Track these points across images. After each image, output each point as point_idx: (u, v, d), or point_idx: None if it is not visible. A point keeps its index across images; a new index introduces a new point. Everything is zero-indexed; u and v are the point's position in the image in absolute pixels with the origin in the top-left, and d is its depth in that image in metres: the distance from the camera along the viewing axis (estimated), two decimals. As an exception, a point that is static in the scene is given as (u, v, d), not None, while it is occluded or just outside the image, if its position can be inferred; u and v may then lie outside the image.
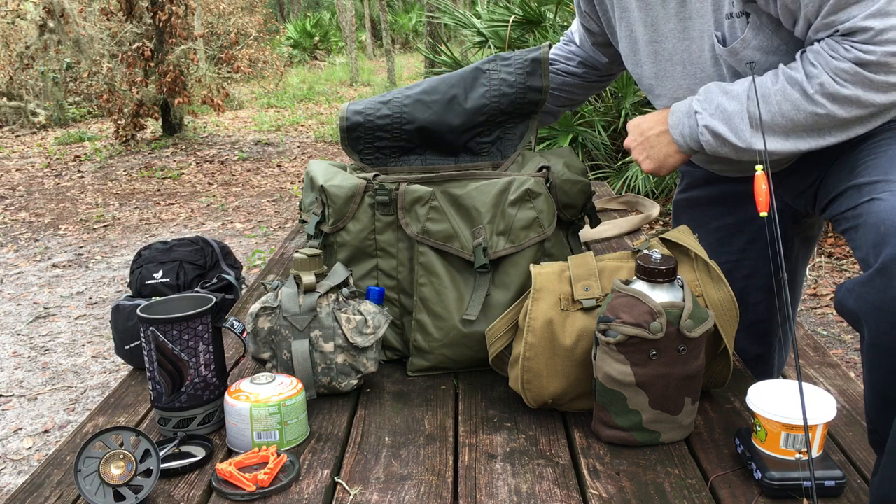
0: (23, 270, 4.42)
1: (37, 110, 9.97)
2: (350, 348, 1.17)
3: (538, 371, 1.08)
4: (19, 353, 3.26)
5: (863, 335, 0.89)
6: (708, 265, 1.12)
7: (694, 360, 1.01)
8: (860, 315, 0.88)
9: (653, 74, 1.24)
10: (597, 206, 2.35)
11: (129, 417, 1.19)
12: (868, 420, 0.93)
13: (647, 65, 1.24)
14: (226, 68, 11.16)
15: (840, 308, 0.91)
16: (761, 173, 0.97)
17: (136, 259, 1.51)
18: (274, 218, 5.37)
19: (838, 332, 3.01)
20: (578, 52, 1.50)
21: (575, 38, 1.50)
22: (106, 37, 8.56)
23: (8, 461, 2.42)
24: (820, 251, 3.86)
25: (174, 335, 1.07)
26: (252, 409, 1.03)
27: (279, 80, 13.54)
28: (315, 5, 24.34)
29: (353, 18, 15.46)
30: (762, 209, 0.95)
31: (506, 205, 1.24)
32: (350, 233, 1.28)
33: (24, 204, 6.06)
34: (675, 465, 1.00)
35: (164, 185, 6.56)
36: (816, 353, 1.51)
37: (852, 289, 0.89)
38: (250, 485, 0.95)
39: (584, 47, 1.48)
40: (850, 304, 0.89)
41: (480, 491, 0.95)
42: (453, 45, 9.44)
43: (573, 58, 1.50)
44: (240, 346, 1.42)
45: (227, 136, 9.02)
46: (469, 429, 1.11)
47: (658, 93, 1.25)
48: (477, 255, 1.23)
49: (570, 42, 1.52)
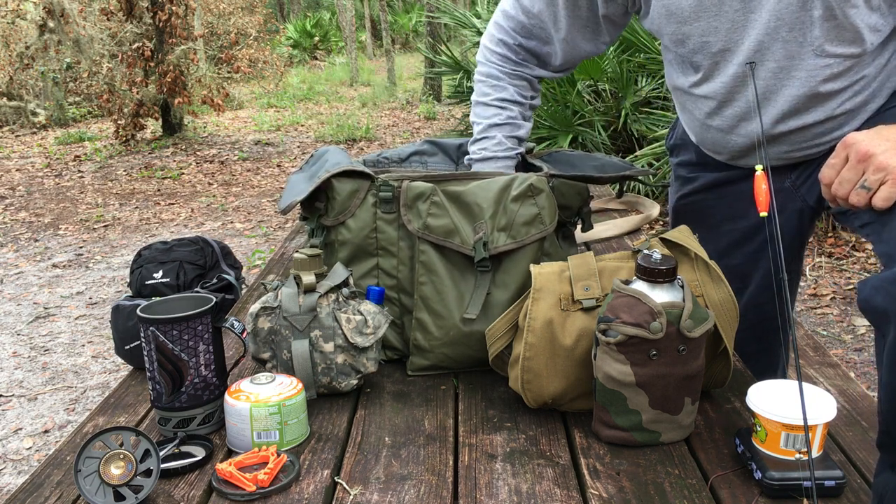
0: (23, 270, 4.42)
1: (37, 110, 9.97)
2: (350, 348, 1.17)
3: (538, 371, 1.08)
4: (19, 353, 3.26)
5: (886, 334, 0.85)
6: (708, 265, 1.12)
7: (694, 360, 1.01)
8: (890, 313, 0.83)
9: (718, 26, 1.13)
10: (597, 206, 2.35)
11: (129, 417, 1.19)
12: (882, 421, 0.88)
13: (712, 15, 1.13)
14: (226, 68, 11.16)
15: (865, 305, 0.86)
16: (761, 173, 0.97)
17: (136, 259, 1.51)
18: (274, 218, 5.37)
19: (838, 332, 3.01)
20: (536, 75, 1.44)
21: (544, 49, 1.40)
22: (106, 37, 8.56)
23: (8, 461, 2.42)
24: (820, 251, 3.86)
25: (174, 335, 1.07)
26: (252, 409, 1.03)
27: (279, 80, 13.53)
28: (315, 5, 24.33)
29: (353, 18, 15.45)
30: (762, 209, 0.95)
31: (508, 200, 1.24)
32: (351, 230, 1.28)
33: (24, 204, 6.06)
34: (675, 465, 1.00)
35: (164, 185, 6.56)
36: (816, 353, 1.51)
37: (880, 286, 0.84)
38: (250, 485, 0.95)
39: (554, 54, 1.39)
40: (878, 301, 0.84)
41: (480, 491, 0.95)
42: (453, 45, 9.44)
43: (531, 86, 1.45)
44: (240, 346, 1.42)
45: (227, 136, 9.02)
46: (469, 429, 1.11)
47: (717, 48, 1.15)
48: (477, 250, 1.22)
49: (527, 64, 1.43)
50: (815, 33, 1.08)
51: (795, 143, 1.21)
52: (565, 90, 4.60)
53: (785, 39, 1.10)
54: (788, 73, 1.13)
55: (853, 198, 0.94)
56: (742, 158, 1.29)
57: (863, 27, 1.07)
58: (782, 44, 1.11)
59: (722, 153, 1.31)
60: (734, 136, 1.25)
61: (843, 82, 1.13)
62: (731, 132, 1.25)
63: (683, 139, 1.43)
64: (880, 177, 0.92)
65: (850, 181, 0.94)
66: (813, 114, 1.16)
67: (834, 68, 1.11)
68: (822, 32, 1.08)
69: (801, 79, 1.13)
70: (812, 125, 1.17)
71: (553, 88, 4.61)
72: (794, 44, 1.10)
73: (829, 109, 1.15)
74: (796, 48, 1.11)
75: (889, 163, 0.91)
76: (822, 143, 1.20)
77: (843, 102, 1.15)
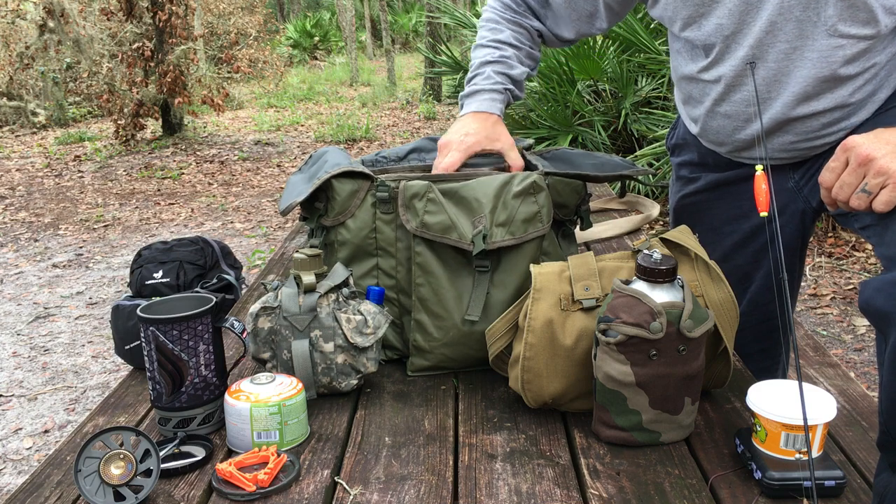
0: (23, 270, 4.42)
1: (37, 110, 9.97)
2: (350, 348, 1.17)
3: (538, 371, 1.08)
4: (19, 353, 3.26)
5: (887, 336, 0.85)
6: (708, 265, 1.12)
7: (694, 360, 1.01)
8: (891, 315, 0.83)
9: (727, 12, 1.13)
10: (597, 206, 2.35)
11: (129, 417, 1.19)
12: (882, 422, 0.89)
13: None
14: (226, 68, 11.16)
15: (866, 307, 0.87)
16: (761, 173, 0.97)
17: (136, 259, 1.51)
18: (274, 218, 5.37)
19: (838, 332, 3.01)
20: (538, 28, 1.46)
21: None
22: (106, 37, 8.56)
23: (8, 461, 2.42)
24: (820, 251, 3.86)
25: (174, 335, 1.07)
26: (252, 409, 1.03)
27: (279, 80, 13.54)
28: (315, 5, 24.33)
29: (353, 18, 15.45)
30: (762, 209, 0.95)
31: (509, 196, 1.24)
32: (351, 230, 1.28)
33: (24, 204, 6.06)
34: (675, 465, 1.00)
35: (164, 185, 6.56)
36: (816, 353, 1.51)
37: (881, 288, 0.85)
38: (250, 485, 0.95)
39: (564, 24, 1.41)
40: (880, 303, 0.85)
41: (480, 491, 0.95)
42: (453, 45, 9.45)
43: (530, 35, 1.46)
44: (240, 346, 1.42)
45: (227, 136, 9.02)
46: (469, 429, 1.11)
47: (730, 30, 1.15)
48: (476, 243, 1.22)
49: None
50: (829, 12, 1.08)
51: (803, 133, 1.20)
52: (565, 90, 4.60)
53: (798, 18, 1.10)
54: (801, 55, 1.12)
55: (854, 201, 0.94)
56: (745, 150, 1.28)
57: (877, 7, 1.06)
58: (795, 23, 1.10)
59: (725, 144, 1.30)
60: (740, 123, 1.24)
61: (856, 68, 1.12)
62: (737, 119, 1.24)
63: (685, 139, 1.43)
64: (881, 181, 0.92)
65: (851, 185, 0.94)
66: (824, 100, 1.15)
67: (847, 50, 1.10)
68: (835, 11, 1.08)
69: (813, 59, 1.12)
70: (823, 112, 1.17)
71: (553, 88, 4.61)
72: (807, 23, 1.10)
73: (840, 97, 1.15)
74: (810, 28, 1.10)
75: (890, 167, 0.91)
76: (829, 133, 1.19)
77: (855, 91, 1.15)
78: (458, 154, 1.33)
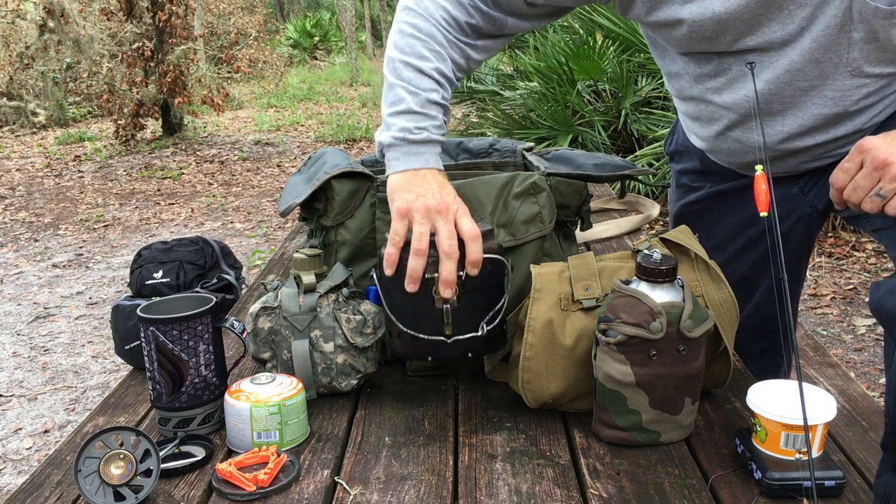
0: (23, 270, 4.42)
1: (37, 110, 9.97)
2: (350, 348, 1.17)
3: (538, 371, 1.08)
4: (19, 353, 3.26)
5: None
6: (708, 265, 1.12)
7: (694, 360, 1.01)
8: None
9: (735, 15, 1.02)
10: (597, 206, 2.35)
11: (129, 417, 1.19)
12: (888, 423, 0.89)
13: None
14: (226, 68, 11.17)
15: (878, 308, 0.86)
16: (761, 173, 0.97)
17: (136, 259, 1.51)
18: (274, 218, 5.37)
19: (838, 332, 3.01)
20: None
21: None
22: (106, 37, 8.56)
23: (8, 461, 2.42)
24: (820, 251, 3.86)
25: (174, 335, 1.07)
26: (252, 409, 1.03)
27: (279, 80, 13.54)
28: (315, 5, 24.33)
29: (353, 18, 15.45)
30: (762, 209, 0.95)
31: (509, 197, 1.24)
32: (350, 231, 1.28)
33: (24, 204, 6.06)
34: (675, 465, 1.00)
35: (164, 185, 6.56)
36: (816, 353, 1.51)
37: (894, 290, 0.84)
38: (250, 485, 0.95)
39: None
40: (891, 305, 0.84)
41: (480, 491, 0.95)
42: (453, 45, 9.40)
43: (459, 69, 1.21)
44: (240, 346, 1.42)
45: (227, 136, 9.02)
46: (469, 429, 1.11)
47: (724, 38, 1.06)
48: None
49: None
50: (854, 55, 1.04)
51: (814, 156, 1.17)
52: (565, 90, 4.60)
53: (818, 60, 1.05)
54: (820, 93, 1.09)
55: (866, 205, 0.92)
56: (754, 165, 1.26)
57: None
58: (815, 64, 1.06)
59: (734, 163, 1.27)
60: (751, 147, 1.19)
61: (876, 97, 1.09)
62: (748, 144, 1.19)
63: (685, 146, 1.39)
64: None
65: (865, 188, 0.92)
66: (841, 128, 1.12)
67: (869, 87, 1.07)
68: (861, 54, 1.03)
69: (833, 98, 1.08)
70: (839, 138, 1.14)
71: (553, 88, 4.61)
72: (828, 64, 1.05)
73: (857, 124, 1.12)
74: (831, 69, 1.06)
75: None
76: (842, 153, 1.14)
77: (874, 117, 1.11)
78: (468, 218, 1.07)
